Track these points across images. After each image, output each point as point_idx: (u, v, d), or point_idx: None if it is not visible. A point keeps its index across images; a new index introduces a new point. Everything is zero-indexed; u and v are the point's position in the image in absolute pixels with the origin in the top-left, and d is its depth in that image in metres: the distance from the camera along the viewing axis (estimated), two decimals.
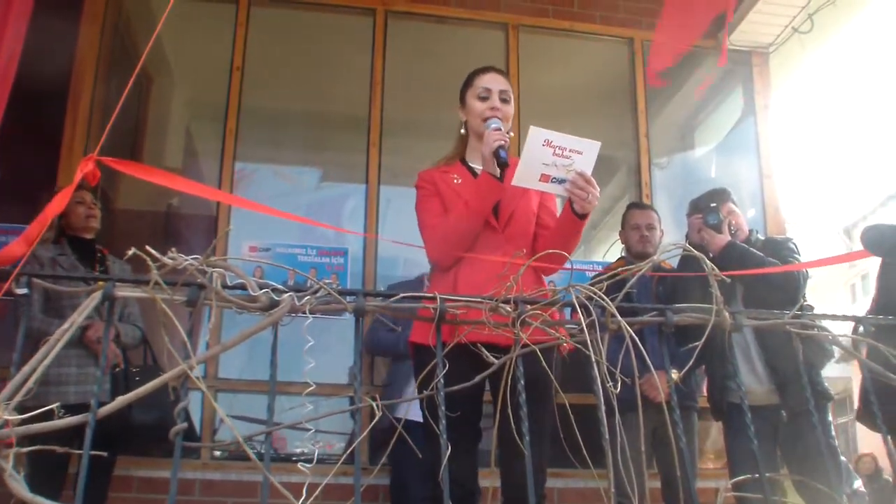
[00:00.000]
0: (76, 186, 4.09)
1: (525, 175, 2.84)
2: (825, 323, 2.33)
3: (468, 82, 3.28)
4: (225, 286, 1.91)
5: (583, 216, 2.97)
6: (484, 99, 3.17)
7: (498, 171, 2.95)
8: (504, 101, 3.19)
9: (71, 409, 1.87)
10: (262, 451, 1.96)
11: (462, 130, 3.29)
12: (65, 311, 3.93)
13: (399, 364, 4.75)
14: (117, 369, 4.19)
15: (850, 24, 6.74)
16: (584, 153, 2.82)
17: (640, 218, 4.81)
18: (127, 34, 6.14)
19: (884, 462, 12.46)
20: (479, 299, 2.08)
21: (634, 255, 4.72)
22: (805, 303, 3.86)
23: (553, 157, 2.80)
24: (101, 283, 1.93)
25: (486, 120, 3.11)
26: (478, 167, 3.17)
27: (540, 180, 2.85)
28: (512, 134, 3.10)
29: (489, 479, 2.94)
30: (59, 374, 3.94)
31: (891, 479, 12.02)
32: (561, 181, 2.86)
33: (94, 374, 4.06)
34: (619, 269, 2.21)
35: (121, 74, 5.89)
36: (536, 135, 2.78)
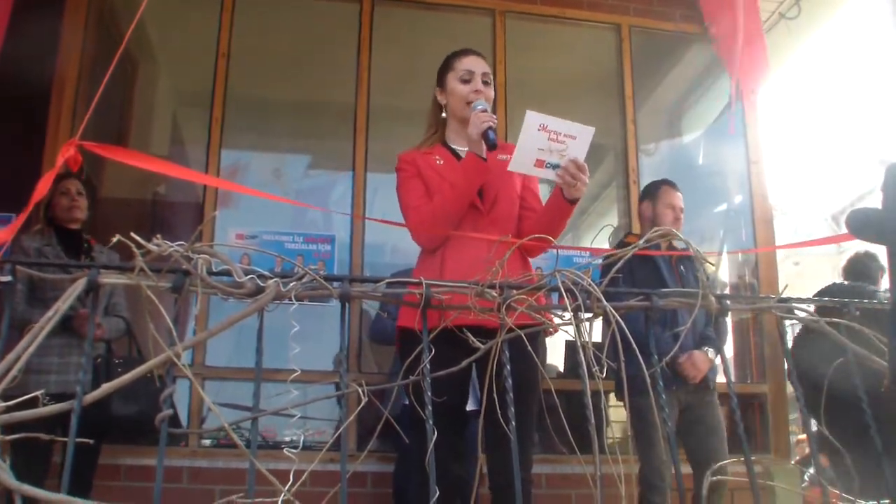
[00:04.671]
0: (61, 175, 4.11)
1: (521, 160, 2.83)
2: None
3: (447, 65, 3.28)
4: (210, 272, 1.90)
5: (573, 202, 2.98)
6: (466, 81, 3.17)
7: (485, 152, 2.95)
8: (486, 83, 3.19)
9: (51, 398, 1.86)
10: (250, 439, 1.96)
11: (443, 114, 3.28)
12: (49, 302, 3.91)
13: None
14: (99, 360, 4.18)
15: (837, 9, 6.75)
16: (577, 138, 2.81)
17: (676, 199, 4.73)
18: (112, 22, 6.09)
19: None
20: (465, 284, 2.08)
21: (662, 233, 4.60)
22: None
23: (548, 142, 2.79)
24: (85, 269, 1.93)
25: (470, 103, 3.11)
26: (460, 149, 3.18)
27: (535, 165, 2.84)
28: (496, 120, 3.10)
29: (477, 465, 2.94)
30: (40, 363, 3.94)
31: None
32: (555, 166, 2.86)
33: (76, 363, 4.07)
34: (609, 252, 2.21)
35: (106, 63, 5.84)
36: (533, 119, 2.77)
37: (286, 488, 1.74)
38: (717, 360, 4.55)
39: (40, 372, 3.93)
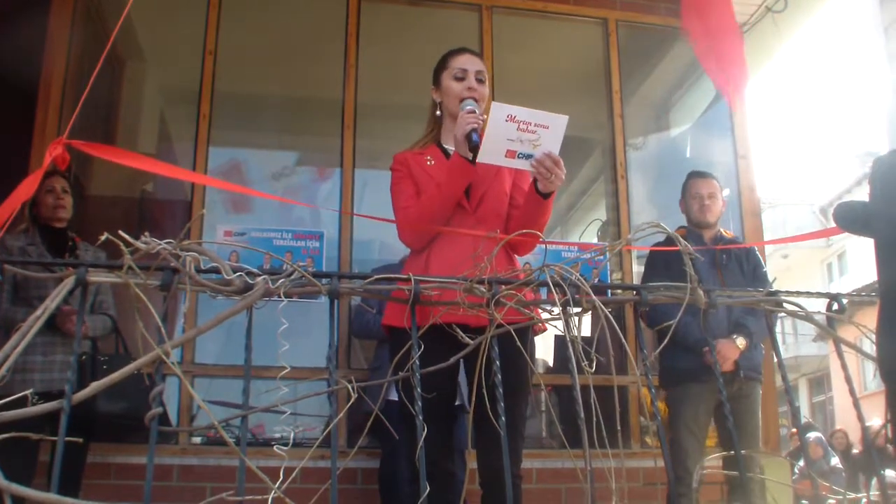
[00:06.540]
0: (47, 172, 4.09)
1: (490, 151, 2.81)
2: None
3: (443, 64, 3.28)
4: (199, 270, 1.90)
5: (546, 195, 2.97)
6: (460, 80, 3.17)
7: (470, 153, 2.94)
8: (480, 81, 3.19)
9: (38, 397, 1.85)
10: (240, 436, 1.96)
11: (437, 112, 3.28)
12: (33, 301, 3.89)
13: (386, 347, 4.74)
14: (84, 357, 4.15)
15: (823, 2, 6.76)
16: (550, 127, 2.79)
17: (702, 187, 4.79)
18: (99, 20, 6.07)
19: (854, 437, 12.68)
20: (453, 280, 2.08)
21: (695, 224, 4.73)
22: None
23: (518, 133, 2.78)
24: (72, 268, 1.92)
25: (462, 101, 3.11)
26: (452, 149, 3.17)
27: (506, 156, 2.82)
28: (485, 117, 3.09)
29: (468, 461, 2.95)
30: (24, 362, 3.89)
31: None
32: (528, 156, 2.84)
33: (60, 361, 4.04)
34: (592, 246, 2.21)
35: (93, 60, 5.82)
36: (499, 110, 2.76)
37: (276, 485, 1.74)
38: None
39: (24, 370, 3.90)
